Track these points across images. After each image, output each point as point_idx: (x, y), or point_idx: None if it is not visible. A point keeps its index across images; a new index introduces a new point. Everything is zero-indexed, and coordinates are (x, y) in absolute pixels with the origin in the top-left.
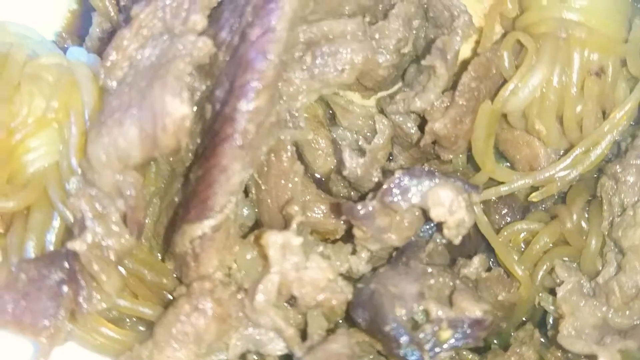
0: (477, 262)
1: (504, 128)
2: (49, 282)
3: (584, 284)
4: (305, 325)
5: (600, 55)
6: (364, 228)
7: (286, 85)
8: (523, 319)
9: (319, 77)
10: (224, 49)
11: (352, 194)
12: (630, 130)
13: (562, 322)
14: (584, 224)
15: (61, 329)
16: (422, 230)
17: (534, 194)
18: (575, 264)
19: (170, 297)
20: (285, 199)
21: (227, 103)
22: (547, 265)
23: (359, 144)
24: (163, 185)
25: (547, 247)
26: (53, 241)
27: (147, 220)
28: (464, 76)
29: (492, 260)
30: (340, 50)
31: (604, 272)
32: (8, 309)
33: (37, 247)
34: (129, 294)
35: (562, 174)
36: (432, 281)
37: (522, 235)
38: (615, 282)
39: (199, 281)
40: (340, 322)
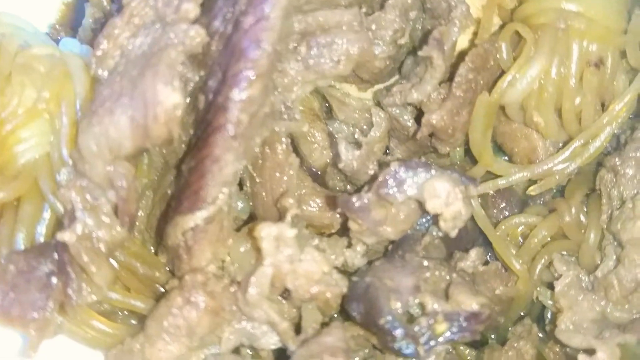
0: (474, 256)
1: (501, 120)
2: (38, 274)
3: (582, 277)
4: (300, 318)
5: (599, 46)
6: (360, 221)
7: (281, 76)
8: (521, 313)
9: (314, 68)
10: (217, 38)
11: (348, 187)
12: (630, 122)
13: (561, 316)
14: (582, 218)
15: (50, 322)
16: (418, 223)
17: (532, 187)
18: (573, 257)
19: (162, 290)
20: (280, 191)
21: (220, 93)
22: (545, 259)
23: (356, 137)
24: (156, 178)
25: (546, 241)
26: (44, 233)
27: (140, 212)
28: (461, 67)
29: (489, 254)
30: (336, 41)
31: (603, 265)
32: None
33: (27, 238)
34: (120, 286)
35: (561, 166)
36: (428, 274)
37: (520, 228)
38: (614, 275)
39: (191, 274)
40: (335, 315)
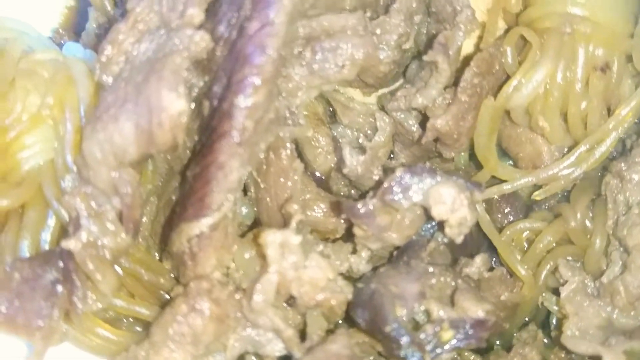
0: (479, 262)
1: (506, 125)
2: (43, 282)
3: (588, 283)
4: (305, 325)
5: (605, 51)
6: (365, 227)
7: (285, 81)
8: (526, 319)
9: (318, 73)
10: (222, 44)
11: (352, 192)
12: (636, 127)
13: (566, 322)
14: (588, 223)
15: (56, 330)
16: (423, 229)
17: (537, 192)
18: (579, 263)
19: (167, 297)
20: (284, 197)
21: (225, 99)
22: (550, 264)
23: (360, 141)
24: (160, 184)
25: (551, 247)
26: (48, 240)
27: (145, 219)
28: (466, 72)
29: (494, 260)
30: (340, 46)
31: (609, 271)
32: (1, 309)
33: (32, 246)
34: (125, 293)
35: (566, 172)
36: (434, 281)
37: (525, 234)
38: (620, 281)
39: (196, 281)
40: (340, 322)
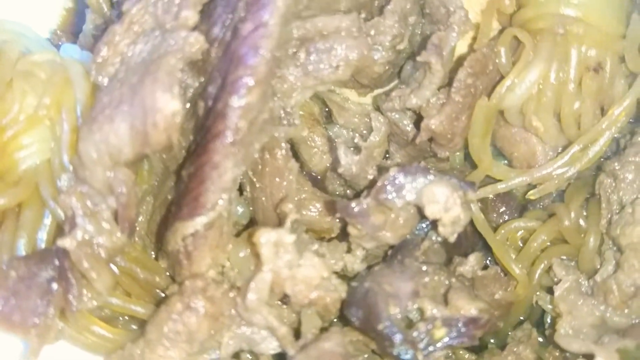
0: (473, 260)
1: (501, 125)
2: (39, 280)
3: (582, 282)
4: (299, 324)
5: (598, 51)
6: (359, 226)
7: (280, 82)
8: (520, 318)
9: (313, 73)
10: (216, 45)
11: (348, 192)
12: (629, 127)
13: (560, 321)
14: (582, 222)
15: (51, 327)
16: (417, 228)
17: (531, 192)
18: (573, 262)
19: (163, 295)
20: (279, 197)
21: (219, 99)
22: (544, 263)
23: (355, 141)
24: (156, 183)
25: (545, 246)
26: (45, 239)
27: (140, 218)
28: (460, 72)
29: (489, 259)
30: (334, 47)
31: (602, 270)
32: None
33: (28, 244)
34: (121, 292)
35: (560, 171)
36: (427, 279)
37: (520, 233)
38: (613, 280)
39: (191, 279)
40: (335, 320)
